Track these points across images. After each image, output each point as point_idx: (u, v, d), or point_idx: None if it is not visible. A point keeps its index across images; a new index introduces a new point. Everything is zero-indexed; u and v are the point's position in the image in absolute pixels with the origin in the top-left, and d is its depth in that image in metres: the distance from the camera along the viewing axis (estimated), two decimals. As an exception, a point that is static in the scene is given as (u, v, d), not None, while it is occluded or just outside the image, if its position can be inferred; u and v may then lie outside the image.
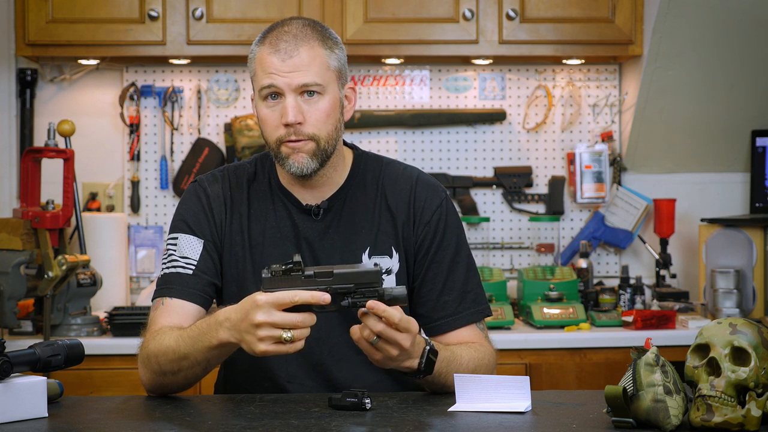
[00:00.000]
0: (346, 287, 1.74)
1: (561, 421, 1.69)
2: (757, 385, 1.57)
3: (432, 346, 1.86)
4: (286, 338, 1.70)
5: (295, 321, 1.70)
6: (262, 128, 2.00)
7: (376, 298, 1.74)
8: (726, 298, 3.50)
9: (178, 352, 1.87)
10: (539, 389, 2.42)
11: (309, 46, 1.95)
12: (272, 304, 1.70)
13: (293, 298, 1.70)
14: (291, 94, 1.94)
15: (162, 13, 3.47)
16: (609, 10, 3.54)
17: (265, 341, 1.71)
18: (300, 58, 1.94)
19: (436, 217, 2.06)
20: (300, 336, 1.71)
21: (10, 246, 3.08)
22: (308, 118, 1.95)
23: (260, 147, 3.68)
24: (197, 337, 1.84)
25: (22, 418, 1.70)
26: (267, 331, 1.70)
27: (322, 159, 1.98)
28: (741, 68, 3.62)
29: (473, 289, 2.06)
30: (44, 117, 3.73)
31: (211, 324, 1.81)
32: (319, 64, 1.95)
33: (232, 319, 1.76)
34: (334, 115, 1.98)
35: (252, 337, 1.72)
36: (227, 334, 1.77)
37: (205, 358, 1.85)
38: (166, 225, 3.74)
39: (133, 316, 3.20)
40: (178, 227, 2.05)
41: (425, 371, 1.85)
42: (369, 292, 1.74)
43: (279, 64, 1.94)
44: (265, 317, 1.70)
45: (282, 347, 1.71)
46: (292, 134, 1.95)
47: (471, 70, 3.86)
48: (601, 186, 3.78)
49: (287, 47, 1.94)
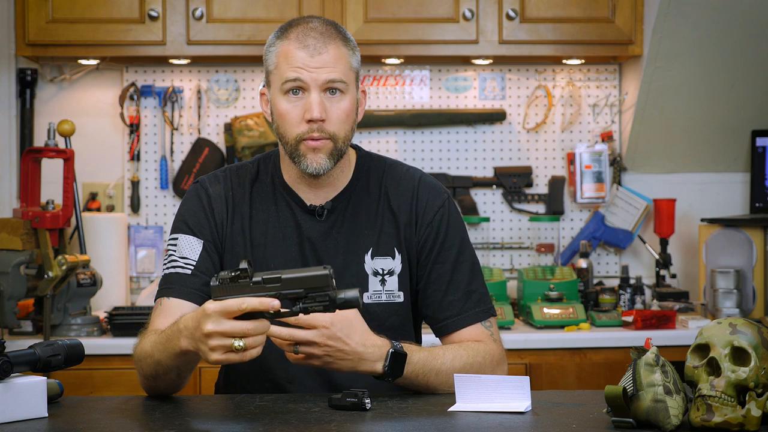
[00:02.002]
0: (296, 292, 1.68)
1: (561, 421, 1.69)
2: (757, 385, 1.57)
3: (398, 348, 1.84)
4: (238, 347, 1.65)
5: (246, 329, 1.65)
6: (281, 124, 1.97)
7: (327, 302, 1.68)
8: (726, 298, 3.50)
9: (153, 357, 1.86)
10: (539, 389, 2.42)
11: (335, 45, 1.96)
12: (220, 313, 1.65)
13: (241, 305, 1.65)
14: (316, 89, 1.94)
15: (162, 13, 3.47)
16: (609, 10, 3.54)
17: (216, 351, 1.67)
18: (329, 55, 1.94)
19: (438, 218, 2.06)
20: (252, 344, 1.66)
21: (10, 246, 3.08)
22: (330, 116, 1.95)
23: (260, 147, 3.67)
24: (165, 344, 1.82)
25: (22, 418, 1.70)
26: (217, 341, 1.66)
27: (337, 159, 1.98)
28: (741, 68, 3.62)
29: (477, 288, 2.06)
30: (44, 117, 3.73)
31: (173, 331, 1.79)
32: (344, 63, 1.96)
33: (189, 327, 1.73)
34: (352, 116, 1.99)
35: (204, 346, 1.68)
36: (186, 342, 1.75)
37: (174, 365, 1.84)
38: (166, 225, 3.75)
39: (133, 316, 3.20)
40: (178, 228, 2.05)
41: (392, 374, 1.84)
42: (320, 297, 1.68)
43: (307, 59, 1.93)
44: (213, 326, 1.65)
45: (234, 356, 1.67)
46: (315, 131, 1.94)
47: (471, 70, 3.86)
48: (601, 186, 3.78)
49: (316, 44, 1.94)
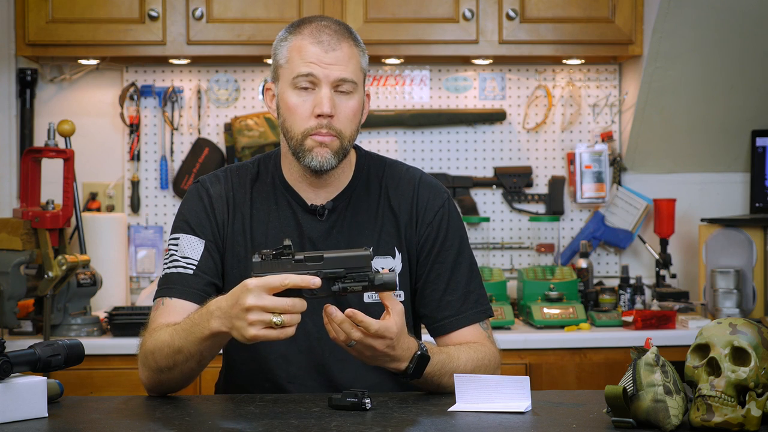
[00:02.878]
0: (336, 271, 1.72)
1: (561, 421, 1.69)
2: (757, 385, 1.57)
3: (424, 351, 1.85)
4: (276, 323, 1.68)
5: (285, 305, 1.68)
6: (288, 117, 1.98)
7: (366, 282, 1.72)
8: (726, 298, 3.50)
9: (173, 346, 1.86)
10: (539, 389, 2.42)
11: (348, 44, 1.97)
12: (263, 288, 1.68)
13: (283, 281, 1.68)
14: (327, 86, 1.95)
15: (162, 13, 3.47)
16: (609, 10, 3.54)
17: (255, 325, 1.69)
18: (342, 52, 1.96)
19: (438, 217, 2.06)
20: (290, 321, 1.69)
21: (10, 246, 3.08)
22: (339, 114, 1.96)
23: (261, 147, 3.68)
24: (190, 329, 1.83)
25: (22, 418, 1.70)
26: (257, 315, 1.69)
27: (341, 157, 1.99)
28: (741, 68, 3.62)
29: (476, 289, 2.06)
30: (44, 117, 3.73)
31: (202, 314, 1.81)
32: (355, 63, 1.98)
33: (222, 306, 1.75)
34: (359, 115, 2.00)
35: (242, 322, 1.70)
36: (218, 323, 1.76)
37: (198, 350, 1.84)
38: (166, 225, 3.75)
39: (133, 316, 3.20)
40: (179, 227, 2.05)
41: (413, 375, 1.85)
42: (359, 277, 1.72)
43: (322, 55, 1.94)
44: (255, 301, 1.68)
45: (272, 332, 1.69)
46: (323, 126, 1.95)
47: (471, 70, 3.86)
48: (601, 186, 3.78)
49: (330, 40, 1.95)
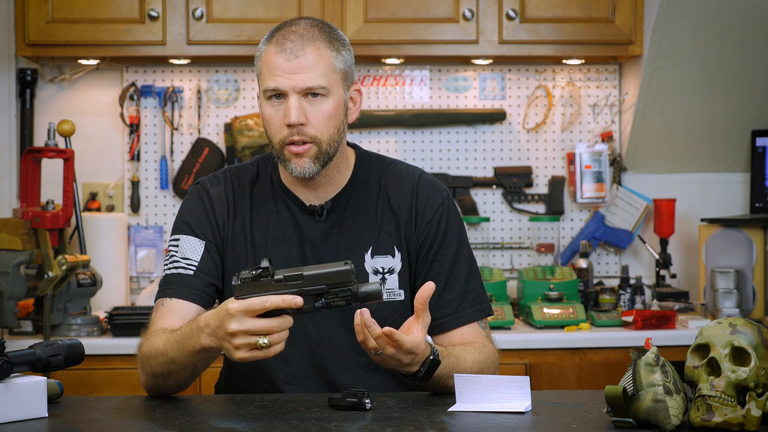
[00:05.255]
0: (318, 288, 1.72)
1: (561, 421, 1.69)
2: (757, 385, 1.57)
3: (436, 356, 1.85)
4: (262, 344, 1.68)
5: (270, 326, 1.68)
6: (266, 128, 1.99)
7: (349, 296, 1.72)
8: (726, 298, 3.50)
9: (166, 355, 1.87)
10: (539, 389, 2.42)
11: (315, 47, 1.95)
12: (244, 312, 1.68)
13: (264, 304, 1.68)
14: (294, 95, 1.94)
15: (162, 13, 3.47)
16: (609, 10, 3.54)
17: (241, 349, 1.70)
18: (305, 58, 1.94)
19: (437, 216, 2.06)
20: (277, 340, 1.70)
21: (10, 246, 3.08)
22: (311, 119, 1.95)
23: (260, 147, 3.68)
24: (182, 342, 1.84)
25: (22, 418, 1.70)
26: (242, 339, 1.69)
27: (324, 161, 1.98)
28: (741, 68, 3.62)
29: (474, 288, 2.06)
30: (44, 117, 3.73)
31: (193, 329, 1.81)
32: (324, 66, 1.95)
33: (211, 325, 1.76)
34: (337, 117, 1.97)
35: (229, 344, 1.71)
36: (208, 339, 1.77)
37: (191, 362, 1.85)
38: (166, 225, 3.75)
39: (133, 316, 3.20)
40: (179, 228, 2.05)
41: (423, 378, 1.85)
42: (341, 292, 1.72)
43: (284, 64, 1.94)
44: (238, 326, 1.69)
45: (259, 353, 1.70)
46: (295, 134, 1.94)
47: (471, 70, 3.86)
48: (601, 186, 3.78)
49: (293, 47, 1.94)
